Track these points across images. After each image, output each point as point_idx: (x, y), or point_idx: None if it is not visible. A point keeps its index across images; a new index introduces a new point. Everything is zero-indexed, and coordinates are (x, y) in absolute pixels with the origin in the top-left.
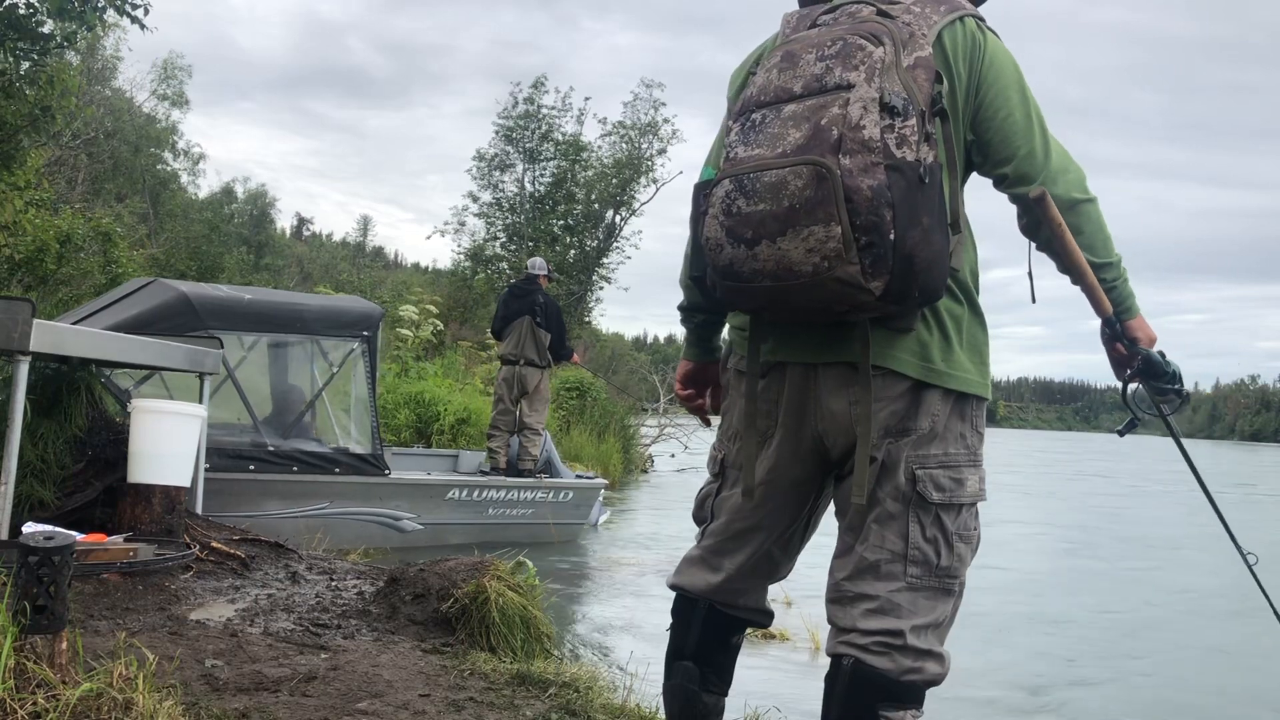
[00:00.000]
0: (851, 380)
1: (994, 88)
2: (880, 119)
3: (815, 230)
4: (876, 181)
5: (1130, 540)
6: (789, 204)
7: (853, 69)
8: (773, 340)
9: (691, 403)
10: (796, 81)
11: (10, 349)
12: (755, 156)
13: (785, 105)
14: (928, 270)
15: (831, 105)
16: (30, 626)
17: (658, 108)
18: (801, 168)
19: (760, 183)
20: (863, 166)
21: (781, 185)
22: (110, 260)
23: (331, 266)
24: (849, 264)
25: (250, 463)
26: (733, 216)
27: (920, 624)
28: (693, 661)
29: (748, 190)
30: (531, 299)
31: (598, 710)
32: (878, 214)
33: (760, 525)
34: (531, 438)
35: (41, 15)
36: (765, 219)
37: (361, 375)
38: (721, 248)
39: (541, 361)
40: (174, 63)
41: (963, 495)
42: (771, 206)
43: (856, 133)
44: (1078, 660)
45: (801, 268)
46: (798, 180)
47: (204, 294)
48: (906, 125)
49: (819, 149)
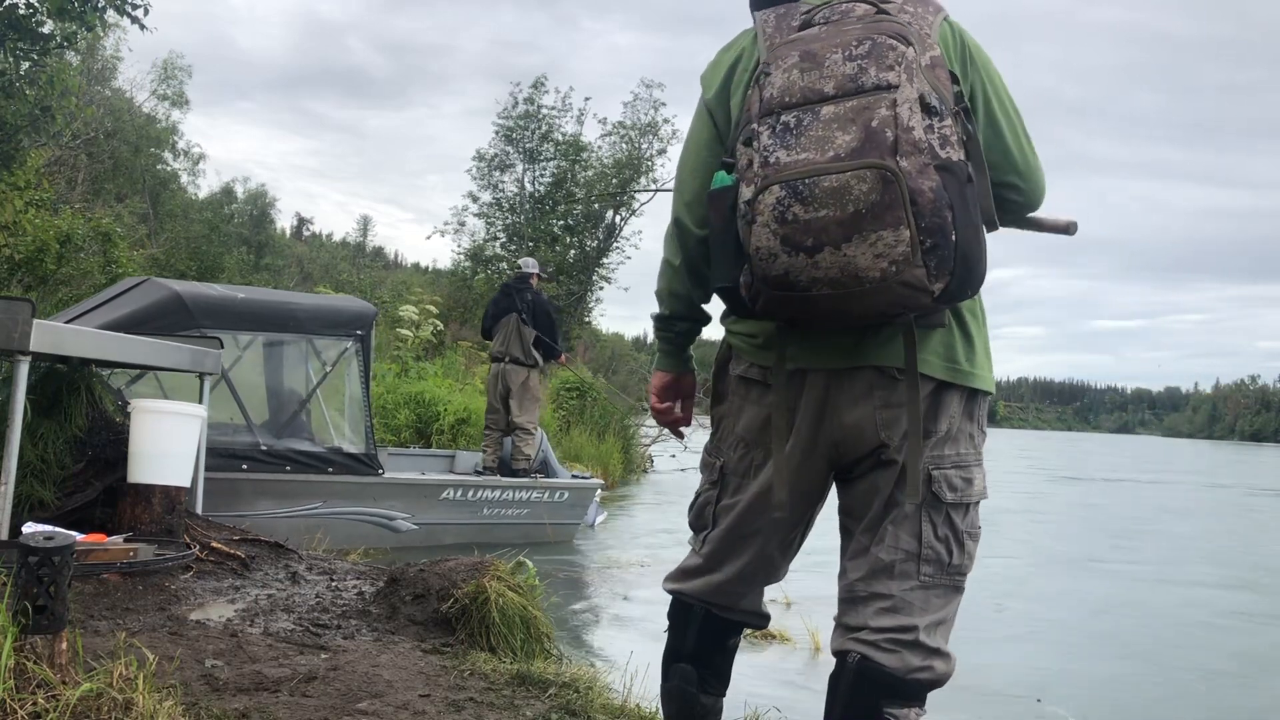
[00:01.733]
0: (879, 384)
1: (983, 87)
2: (923, 119)
3: (884, 235)
4: (935, 183)
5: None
6: (854, 209)
7: (888, 69)
8: (795, 347)
9: (668, 417)
10: (826, 82)
11: (10, 349)
12: (803, 160)
13: (821, 106)
14: (978, 268)
15: (878, 106)
16: (30, 626)
17: (658, 108)
18: (865, 171)
19: (819, 188)
20: (919, 168)
21: (845, 190)
22: (110, 260)
23: (331, 266)
24: (916, 267)
25: (243, 462)
26: (789, 224)
27: (931, 621)
28: (690, 663)
29: (804, 196)
30: (520, 297)
31: (598, 710)
32: (941, 215)
33: (763, 531)
34: (523, 437)
35: (41, 15)
36: (828, 225)
37: (355, 374)
38: (775, 256)
39: (527, 360)
40: (174, 63)
41: (972, 494)
42: (835, 212)
43: (909, 134)
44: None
45: (869, 273)
46: (862, 185)
47: (197, 293)
48: (944, 125)
49: (877, 151)
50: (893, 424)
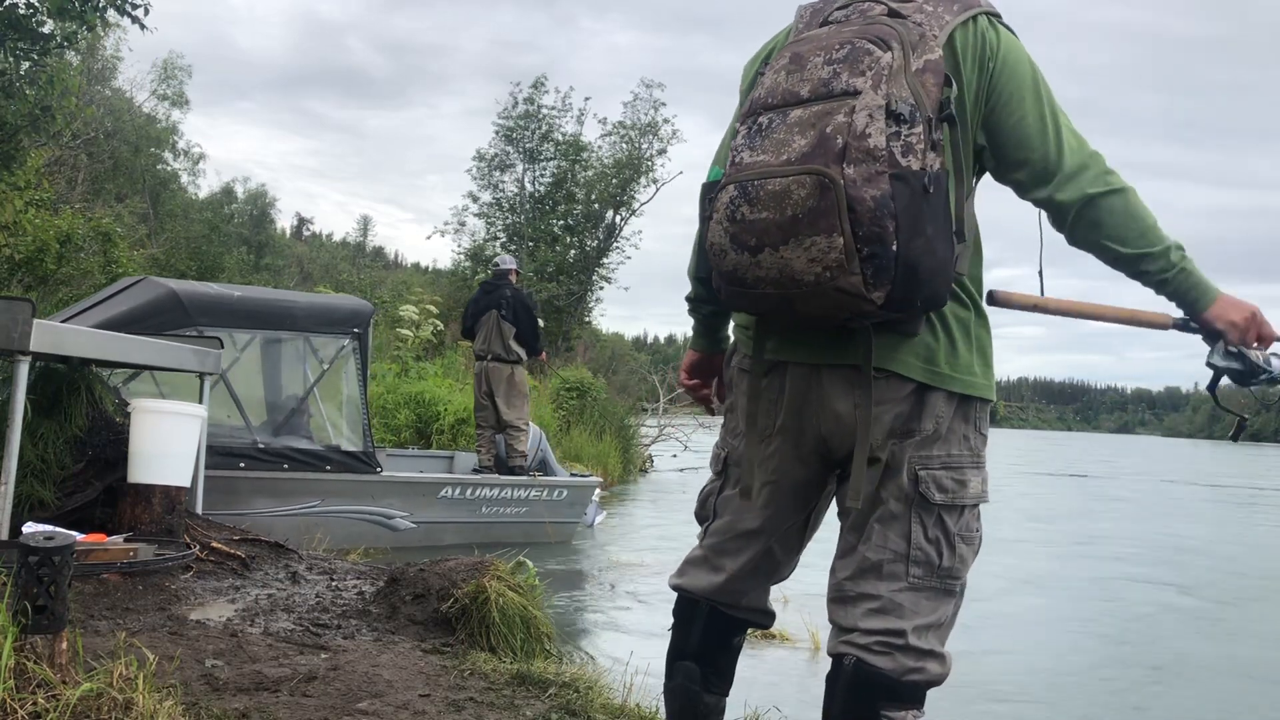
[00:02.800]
0: (856, 383)
1: (1006, 90)
2: (886, 126)
3: (818, 240)
4: (880, 192)
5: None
6: (792, 213)
7: (859, 75)
8: (776, 340)
9: (697, 392)
10: (804, 85)
11: (10, 349)
12: (760, 163)
13: (791, 110)
14: (931, 279)
15: (837, 113)
16: (30, 626)
17: (658, 108)
18: (805, 177)
19: (764, 190)
20: (867, 176)
21: (785, 194)
22: (110, 260)
23: (332, 266)
24: (850, 274)
25: (240, 460)
26: (737, 223)
27: (922, 624)
28: (694, 662)
29: (751, 197)
30: (499, 294)
31: (598, 710)
32: (880, 225)
33: (763, 526)
34: (515, 434)
35: (41, 15)
36: (769, 227)
37: (352, 372)
38: (725, 253)
39: (509, 357)
40: (174, 63)
41: (965, 496)
42: (775, 215)
43: (861, 141)
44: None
45: (804, 277)
46: (801, 190)
47: (193, 291)
48: (913, 133)
49: (823, 158)
50: (863, 424)
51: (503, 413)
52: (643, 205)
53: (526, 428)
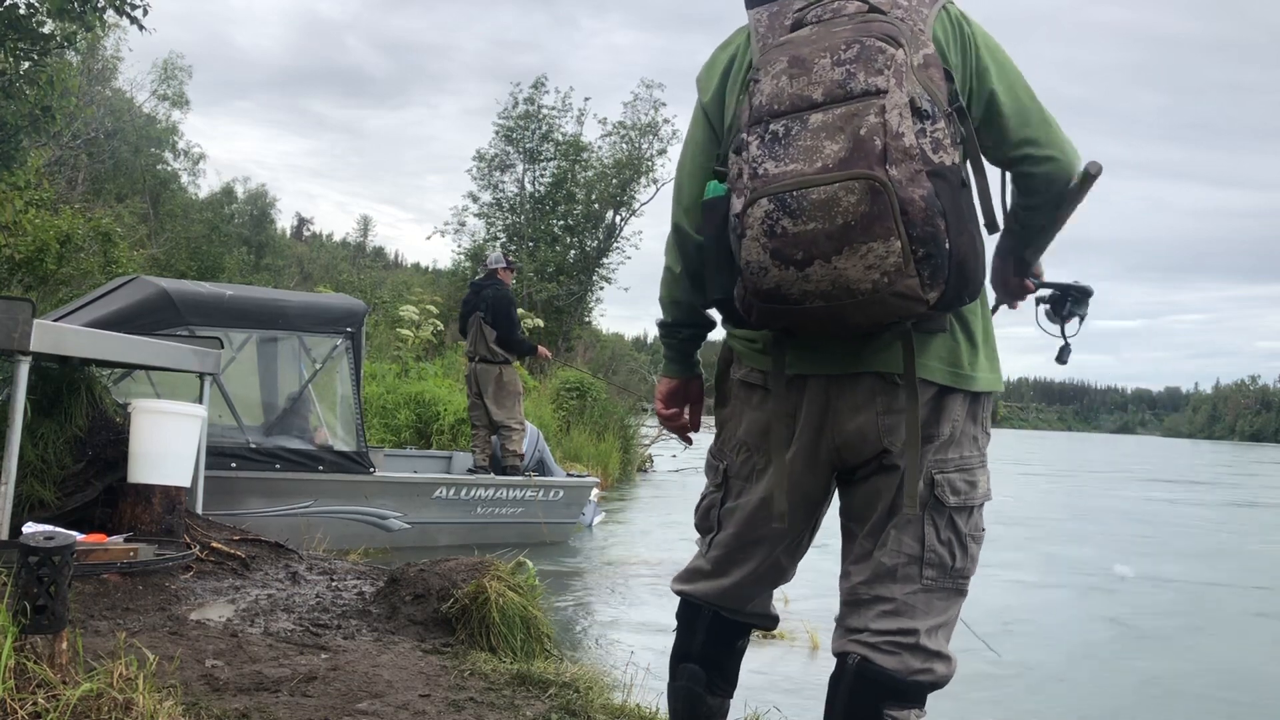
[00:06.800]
0: (880, 390)
1: (992, 70)
2: (914, 124)
3: (874, 246)
4: (925, 190)
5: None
6: (843, 221)
7: (877, 73)
8: (794, 353)
9: (675, 422)
10: (815, 88)
11: (10, 349)
12: (792, 172)
13: (809, 115)
14: (976, 274)
15: (866, 113)
16: (30, 626)
17: (658, 108)
18: (853, 183)
19: (807, 200)
20: (909, 176)
21: (833, 202)
22: (110, 260)
23: (332, 267)
24: (908, 277)
25: (232, 460)
26: (778, 238)
27: (933, 624)
28: (698, 664)
29: (792, 209)
30: (481, 295)
31: (598, 710)
32: (933, 224)
33: (770, 537)
34: (508, 434)
35: (41, 15)
36: (817, 238)
37: (346, 372)
38: (766, 270)
39: (494, 358)
40: (174, 63)
41: (975, 497)
42: (824, 225)
43: (898, 141)
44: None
45: (860, 285)
46: (850, 196)
47: (185, 290)
48: (937, 128)
49: (865, 161)
50: (895, 430)
51: (493, 413)
52: (643, 205)
53: (520, 427)
